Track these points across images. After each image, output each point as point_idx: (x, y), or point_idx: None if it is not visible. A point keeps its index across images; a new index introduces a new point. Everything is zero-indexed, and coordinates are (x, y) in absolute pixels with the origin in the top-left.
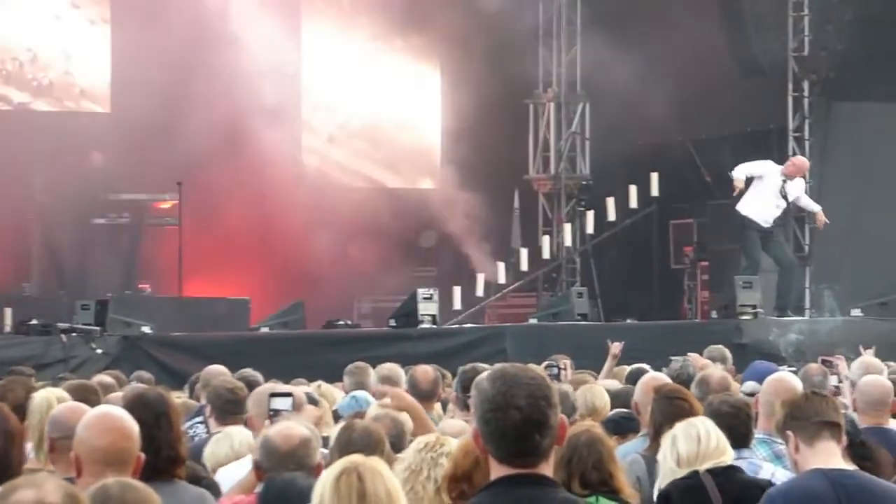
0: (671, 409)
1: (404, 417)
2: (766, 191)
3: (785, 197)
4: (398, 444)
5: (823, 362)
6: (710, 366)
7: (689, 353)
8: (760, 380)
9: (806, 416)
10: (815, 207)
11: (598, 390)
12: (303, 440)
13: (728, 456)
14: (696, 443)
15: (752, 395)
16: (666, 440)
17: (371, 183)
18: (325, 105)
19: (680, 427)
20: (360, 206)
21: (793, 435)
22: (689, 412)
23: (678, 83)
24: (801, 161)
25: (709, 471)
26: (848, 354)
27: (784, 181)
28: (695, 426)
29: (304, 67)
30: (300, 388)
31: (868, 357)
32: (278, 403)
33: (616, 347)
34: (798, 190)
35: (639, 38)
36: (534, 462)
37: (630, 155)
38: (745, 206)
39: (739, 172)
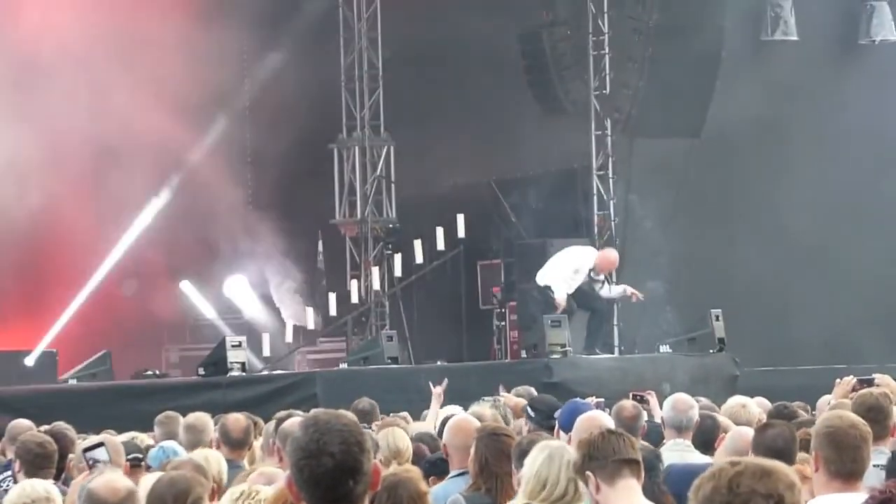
0: (498, 445)
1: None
2: (573, 274)
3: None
4: None
5: (634, 397)
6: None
7: (501, 392)
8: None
9: (604, 456)
10: (619, 291)
11: (399, 433)
12: (129, 492)
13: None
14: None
15: None
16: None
17: None
18: None
19: (542, 464)
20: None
21: (592, 475)
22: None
23: (482, 124)
24: (613, 259)
25: None
26: (660, 390)
27: (591, 271)
28: (550, 470)
29: None
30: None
31: (679, 394)
32: (97, 454)
33: (439, 389)
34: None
35: (440, 80)
36: None
37: (436, 197)
38: (548, 279)
39: (559, 292)
